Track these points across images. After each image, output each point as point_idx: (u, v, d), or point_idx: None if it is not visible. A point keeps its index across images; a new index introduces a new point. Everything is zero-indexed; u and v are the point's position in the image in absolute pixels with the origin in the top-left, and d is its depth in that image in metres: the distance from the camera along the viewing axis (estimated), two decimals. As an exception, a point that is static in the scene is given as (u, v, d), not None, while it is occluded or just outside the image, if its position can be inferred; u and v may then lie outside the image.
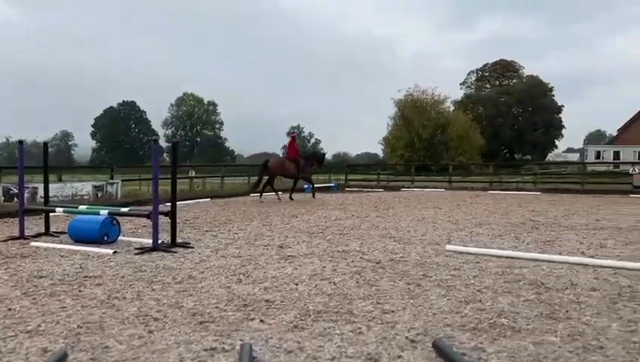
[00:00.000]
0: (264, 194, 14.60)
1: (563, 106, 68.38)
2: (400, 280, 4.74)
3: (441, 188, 19.82)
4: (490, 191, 18.18)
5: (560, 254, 5.98)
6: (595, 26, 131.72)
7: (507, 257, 5.77)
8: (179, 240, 6.72)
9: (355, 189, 19.65)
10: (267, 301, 3.99)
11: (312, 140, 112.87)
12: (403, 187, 20.02)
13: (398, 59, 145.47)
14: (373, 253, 6.17)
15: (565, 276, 4.87)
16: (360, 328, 3.34)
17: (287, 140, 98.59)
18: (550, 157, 65.38)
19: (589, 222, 8.98)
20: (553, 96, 67.39)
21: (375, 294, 4.21)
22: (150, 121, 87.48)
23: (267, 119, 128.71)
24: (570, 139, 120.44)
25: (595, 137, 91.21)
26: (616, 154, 45.78)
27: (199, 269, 5.17)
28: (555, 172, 28.15)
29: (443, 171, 27.39)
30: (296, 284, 4.53)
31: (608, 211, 10.99)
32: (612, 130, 69.82)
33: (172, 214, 6.54)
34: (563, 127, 69.33)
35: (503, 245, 6.71)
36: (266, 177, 14.60)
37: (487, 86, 70.82)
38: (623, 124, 61.43)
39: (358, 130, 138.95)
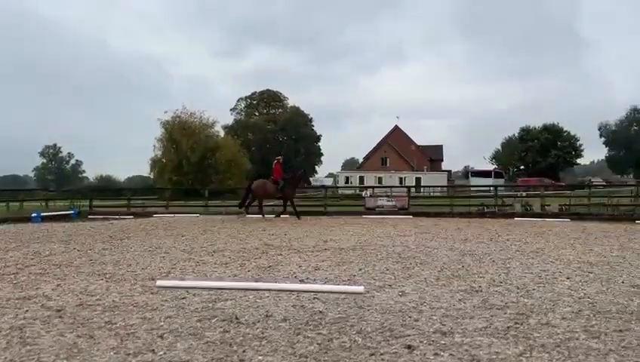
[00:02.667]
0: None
1: (321, 135, 76.23)
2: (72, 332, 3.89)
3: (197, 213, 19.22)
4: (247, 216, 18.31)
5: (275, 281, 5.92)
6: (350, 65, 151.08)
7: (218, 289, 5.41)
8: None
9: (100, 217, 17.64)
10: None
11: (72, 161, 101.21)
12: (157, 213, 18.79)
13: (171, 81, 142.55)
14: (64, 297, 5.14)
15: (265, 306, 4.70)
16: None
17: (41, 161, 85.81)
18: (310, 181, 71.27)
19: (317, 244, 9.42)
20: (313, 126, 74.48)
21: (20, 358, 3.28)
22: None
23: (18, 139, 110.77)
24: (331, 166, 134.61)
25: (350, 164, 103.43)
26: (362, 179, 52.23)
27: None
28: (309, 195, 30.43)
29: (214, 195, 27.21)
30: None
31: (338, 232, 11.87)
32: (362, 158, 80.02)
33: None
34: (322, 154, 77.07)
35: (224, 274, 6.39)
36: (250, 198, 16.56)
37: (256, 113, 74.16)
38: (367, 153, 71.29)
39: (128, 152, 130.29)
